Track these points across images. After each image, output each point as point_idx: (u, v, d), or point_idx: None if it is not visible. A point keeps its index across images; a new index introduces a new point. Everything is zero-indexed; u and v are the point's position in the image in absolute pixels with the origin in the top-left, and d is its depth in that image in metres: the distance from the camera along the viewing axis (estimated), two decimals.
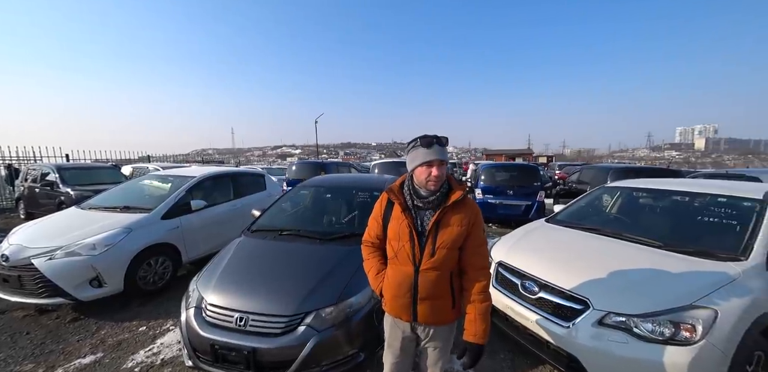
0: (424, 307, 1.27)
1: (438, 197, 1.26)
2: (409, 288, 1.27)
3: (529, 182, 6.49)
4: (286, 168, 10.85)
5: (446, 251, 1.24)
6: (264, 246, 2.47)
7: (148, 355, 2.32)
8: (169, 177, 4.09)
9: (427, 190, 1.27)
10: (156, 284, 3.27)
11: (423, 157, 1.23)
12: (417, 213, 1.30)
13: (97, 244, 2.85)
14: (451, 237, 1.24)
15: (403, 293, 1.29)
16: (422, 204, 1.28)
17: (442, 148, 1.23)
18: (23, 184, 7.92)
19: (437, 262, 1.24)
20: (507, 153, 40.68)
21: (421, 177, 1.25)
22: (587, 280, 1.88)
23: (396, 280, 1.31)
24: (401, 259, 1.29)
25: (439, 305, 1.28)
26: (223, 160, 25.17)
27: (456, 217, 1.25)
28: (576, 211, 3.07)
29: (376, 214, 1.43)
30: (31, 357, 2.32)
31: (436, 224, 1.25)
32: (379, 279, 1.40)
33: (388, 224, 1.35)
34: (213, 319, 1.84)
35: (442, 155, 1.23)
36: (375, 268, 1.42)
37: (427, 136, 1.24)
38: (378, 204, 1.44)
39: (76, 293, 2.74)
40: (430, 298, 1.27)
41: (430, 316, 1.29)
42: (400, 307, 1.32)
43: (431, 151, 1.21)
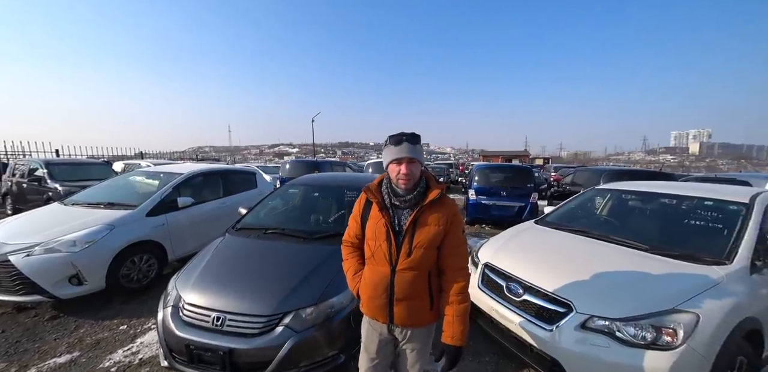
0: (401, 308, 1.24)
1: (415, 196, 1.25)
2: (385, 288, 1.25)
3: (522, 184, 6.50)
4: (280, 166, 10.79)
5: (423, 251, 1.21)
6: (247, 244, 2.42)
7: (126, 355, 2.27)
8: (157, 173, 4.02)
9: (400, 188, 1.26)
10: (140, 282, 3.21)
11: (392, 154, 1.23)
12: (395, 212, 1.28)
13: (77, 241, 2.78)
14: (428, 236, 1.21)
15: (379, 294, 1.26)
16: (399, 203, 1.26)
17: (412, 145, 1.21)
18: (11, 179, 7.78)
19: (414, 262, 1.22)
20: (504, 154, 40.90)
21: (392, 175, 1.25)
22: (571, 283, 1.86)
23: (372, 280, 1.28)
24: (378, 259, 1.27)
25: (416, 306, 1.25)
26: (219, 157, 25.03)
27: (433, 216, 1.23)
28: (566, 212, 3.06)
29: (355, 213, 1.41)
30: (5, 356, 2.26)
31: (413, 223, 1.23)
32: (356, 279, 1.38)
33: (366, 223, 1.33)
34: (190, 318, 1.80)
35: (413, 153, 1.21)
36: (353, 269, 1.40)
37: (397, 134, 1.24)
38: (357, 203, 1.42)
39: (55, 291, 2.67)
40: (407, 299, 1.24)
41: (407, 317, 1.26)
42: (376, 308, 1.29)
43: (399, 148, 1.21)
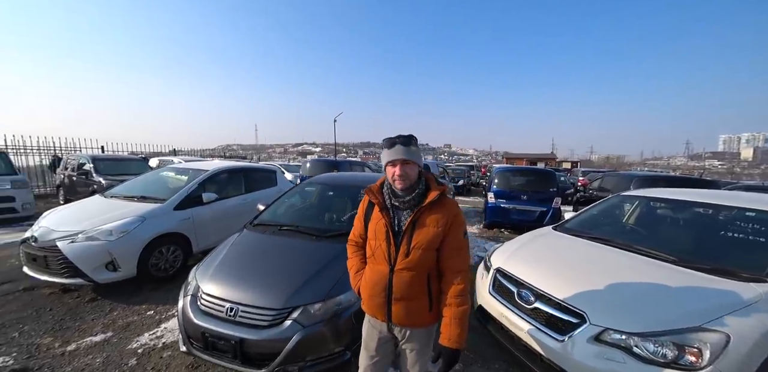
0: (399, 307, 1.26)
1: (414, 197, 1.26)
2: (384, 287, 1.27)
3: (544, 188, 6.25)
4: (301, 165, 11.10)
5: (421, 252, 1.22)
6: (263, 240, 2.52)
7: (151, 338, 2.44)
8: (185, 169, 4.28)
9: (397, 189, 1.28)
10: (167, 271, 3.43)
11: (387, 157, 1.26)
12: (395, 213, 1.30)
13: (113, 231, 3.03)
14: (427, 237, 1.22)
15: (378, 292, 1.28)
16: (399, 204, 1.28)
17: (405, 147, 1.24)
18: (63, 172, 8.59)
19: (412, 263, 1.23)
20: (528, 157, 39.39)
21: (389, 176, 1.28)
22: (586, 292, 1.77)
23: (372, 279, 1.31)
24: (378, 258, 1.30)
25: (414, 307, 1.26)
26: (246, 155, 26.14)
27: (432, 217, 1.24)
28: (587, 219, 2.91)
29: (359, 214, 1.44)
30: (51, 331, 2.51)
31: (413, 224, 1.25)
32: (357, 278, 1.41)
33: (369, 224, 1.36)
34: (206, 307, 1.91)
35: (406, 155, 1.23)
36: (355, 267, 1.44)
37: (390, 137, 1.27)
38: (361, 204, 1.45)
39: (94, 275, 2.93)
40: (405, 299, 1.25)
41: (405, 317, 1.27)
42: (375, 306, 1.31)
43: (393, 151, 1.24)
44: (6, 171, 6.55)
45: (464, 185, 14.57)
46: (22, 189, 6.47)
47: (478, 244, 5.41)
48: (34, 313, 2.77)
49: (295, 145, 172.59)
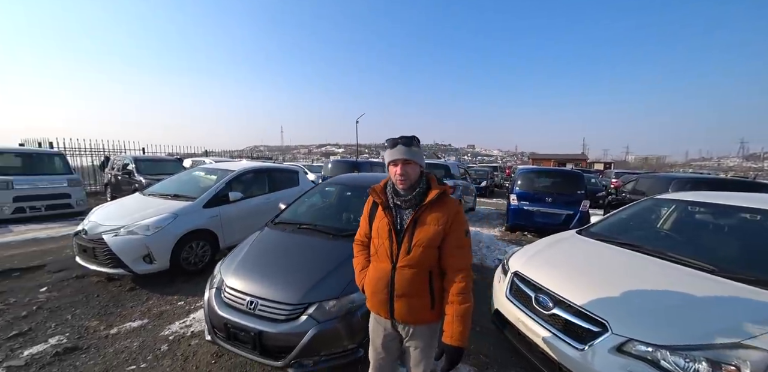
0: (401, 304, 1.28)
1: (415, 196, 1.29)
2: (386, 284, 1.29)
3: (571, 190, 5.95)
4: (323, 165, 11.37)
5: (422, 249, 1.24)
6: (283, 238, 2.63)
7: (181, 327, 2.62)
8: (214, 169, 4.54)
9: (398, 188, 1.31)
10: (197, 265, 3.66)
11: (389, 157, 1.30)
12: (397, 212, 1.33)
13: (150, 226, 3.29)
14: (427, 235, 1.24)
15: (381, 289, 1.31)
16: (401, 203, 1.31)
17: (406, 148, 1.27)
18: (110, 172, 9.41)
19: (413, 260, 1.25)
20: (557, 158, 37.56)
21: (391, 176, 1.32)
22: (609, 300, 1.68)
23: (375, 276, 1.34)
24: (380, 255, 1.33)
25: (416, 304, 1.28)
26: (271, 156, 27.18)
27: (432, 216, 1.26)
28: (615, 223, 2.75)
29: (365, 213, 1.48)
30: (97, 315, 2.77)
31: (414, 222, 1.28)
32: (362, 275, 1.45)
33: (373, 222, 1.40)
34: (229, 300, 2.02)
35: (408, 155, 1.26)
36: (360, 265, 1.48)
37: (393, 138, 1.31)
38: (366, 204, 1.49)
39: (133, 266, 3.19)
40: (406, 296, 1.27)
41: (406, 314, 1.29)
42: (378, 302, 1.34)
43: (395, 151, 1.27)
44: (64, 171, 7.29)
45: (487, 187, 14.20)
46: (76, 187, 7.18)
47: (498, 247, 5.26)
48: (84, 298, 3.07)
49: (319, 146, 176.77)
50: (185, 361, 2.18)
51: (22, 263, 3.85)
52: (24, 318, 2.68)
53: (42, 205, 6.55)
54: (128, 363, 2.15)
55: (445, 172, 7.57)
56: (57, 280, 3.44)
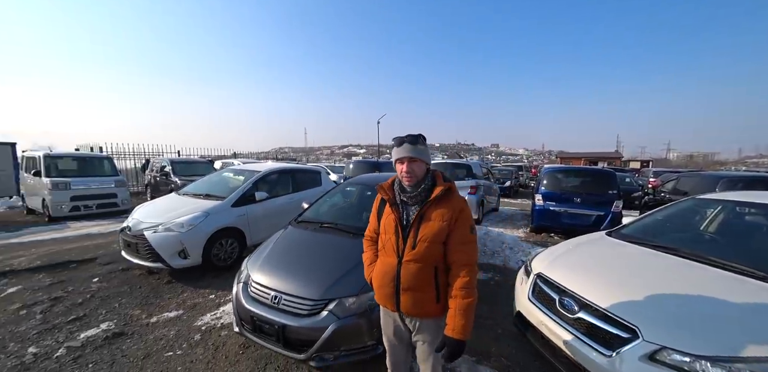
0: (406, 297, 1.32)
1: (420, 193, 1.33)
2: (392, 278, 1.33)
3: (602, 190, 5.62)
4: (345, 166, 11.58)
5: (427, 244, 1.28)
6: (305, 236, 2.72)
7: (212, 318, 2.80)
8: (242, 170, 4.78)
9: (405, 185, 1.35)
10: (226, 261, 3.87)
11: (395, 155, 1.35)
12: (404, 208, 1.38)
13: (184, 224, 3.53)
14: (432, 231, 1.28)
15: (387, 282, 1.35)
16: (407, 199, 1.36)
17: (412, 146, 1.31)
18: (150, 173, 10.17)
19: (418, 255, 1.29)
20: (587, 156, 35.46)
21: (398, 173, 1.37)
22: (640, 305, 1.59)
23: (382, 270, 1.39)
24: (387, 250, 1.38)
25: (421, 297, 1.31)
26: (296, 157, 28.06)
27: (437, 212, 1.29)
28: (649, 225, 2.58)
29: (374, 209, 1.54)
30: (139, 305, 3.02)
31: (419, 218, 1.31)
32: (370, 269, 1.50)
33: (381, 219, 1.44)
34: (255, 294, 2.13)
35: (414, 152, 1.30)
36: (369, 260, 1.53)
37: (399, 137, 1.35)
38: (375, 201, 1.54)
39: (170, 261, 3.44)
40: (411, 290, 1.31)
41: (412, 306, 1.32)
42: (385, 295, 1.38)
43: (401, 149, 1.32)
44: (111, 173, 8.00)
45: (511, 187, 13.75)
46: (122, 187, 7.85)
47: (522, 248, 5.09)
48: (128, 289, 3.36)
49: (341, 146, 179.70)
50: (216, 350, 2.33)
51: (77, 256, 4.28)
52: (80, 305, 2.99)
53: (93, 203, 7.23)
54: (166, 349, 2.33)
55: (467, 171, 7.42)
56: (106, 271, 3.78)
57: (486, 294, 3.44)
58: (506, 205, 10.77)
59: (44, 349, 2.31)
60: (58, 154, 7.50)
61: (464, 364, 2.20)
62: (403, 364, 1.56)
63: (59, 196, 6.75)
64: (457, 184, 4.86)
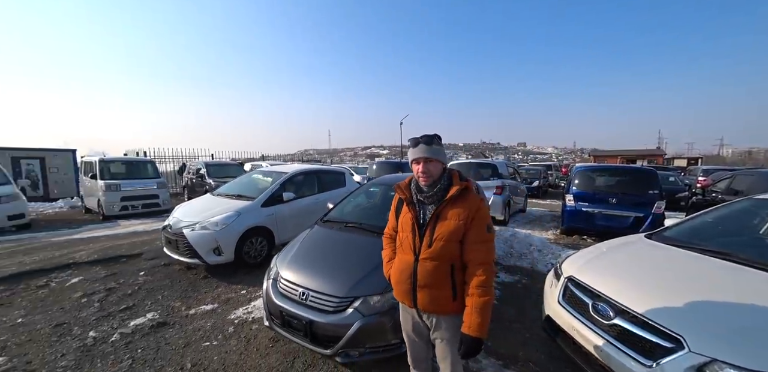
0: (423, 294, 1.34)
1: (436, 192, 1.35)
2: (409, 275, 1.36)
3: (641, 190, 5.23)
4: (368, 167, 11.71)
5: (443, 243, 1.29)
6: (331, 235, 2.79)
7: (244, 312, 2.95)
8: (270, 172, 5.00)
9: (421, 185, 1.38)
10: (256, 259, 4.07)
11: (411, 155, 1.37)
12: (421, 207, 1.40)
13: (218, 222, 3.76)
14: (448, 229, 1.29)
15: (404, 279, 1.38)
16: (423, 198, 1.38)
17: (427, 146, 1.33)
18: (187, 175, 10.91)
19: (434, 253, 1.31)
20: (624, 154, 33.01)
21: (414, 173, 1.39)
22: (686, 313, 1.48)
23: (399, 267, 1.43)
24: (404, 248, 1.41)
25: (437, 295, 1.33)
26: (320, 159, 28.78)
27: (454, 211, 1.31)
28: (697, 227, 2.37)
29: (392, 208, 1.58)
30: (179, 298, 3.26)
31: (435, 217, 1.33)
32: (388, 266, 1.54)
33: (399, 217, 1.48)
34: (284, 290, 2.22)
35: (429, 153, 1.32)
36: (387, 257, 1.58)
37: (415, 137, 1.37)
38: (393, 200, 1.58)
39: (206, 257, 3.68)
40: (428, 287, 1.33)
41: (428, 303, 1.34)
42: (402, 292, 1.41)
43: (416, 150, 1.34)
44: (154, 175, 8.69)
45: (540, 187, 13.18)
46: (163, 189, 8.50)
47: (552, 251, 4.87)
48: (170, 282, 3.63)
49: (364, 148, 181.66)
50: (248, 342, 2.46)
51: (126, 251, 4.70)
52: (129, 295, 3.28)
53: (139, 204, 7.89)
54: (203, 340, 2.50)
55: (492, 171, 7.22)
56: (150, 266, 4.12)
57: (513, 297, 3.34)
58: (534, 206, 10.35)
59: (101, 333, 2.56)
60: (111, 158, 8.28)
61: (491, 368, 2.15)
62: (424, 361, 1.57)
63: (111, 197, 7.45)
64: (482, 184, 4.79)
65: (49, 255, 4.54)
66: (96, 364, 2.19)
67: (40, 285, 3.52)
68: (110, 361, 2.22)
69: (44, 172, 10.37)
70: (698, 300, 1.55)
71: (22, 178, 9.62)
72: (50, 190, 10.42)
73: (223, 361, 2.22)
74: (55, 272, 3.89)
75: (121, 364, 2.18)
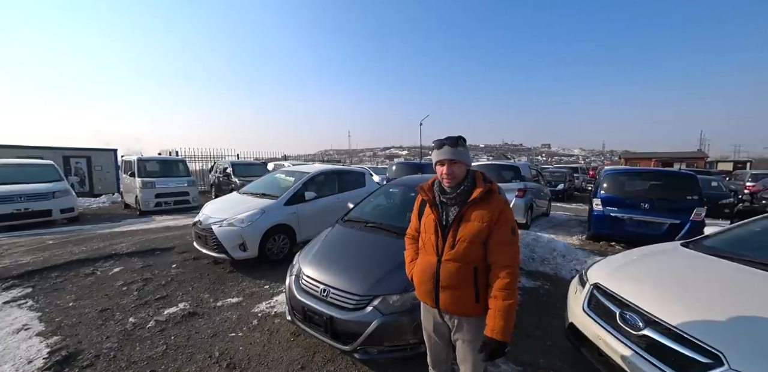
0: (446, 295, 1.35)
1: (459, 194, 1.36)
2: (432, 275, 1.37)
3: (678, 195, 4.90)
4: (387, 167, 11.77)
5: (466, 245, 1.30)
6: (351, 234, 2.85)
7: (267, 307, 3.08)
8: (293, 172, 5.16)
9: (445, 186, 1.39)
10: (278, 255, 4.21)
11: (436, 157, 1.39)
12: (443, 208, 1.41)
13: (244, 220, 3.93)
14: (471, 231, 1.29)
15: (427, 279, 1.39)
16: (446, 200, 1.39)
17: (452, 148, 1.34)
18: (214, 174, 11.46)
19: (457, 254, 1.31)
20: (659, 157, 30.79)
21: (438, 175, 1.41)
22: (724, 327, 1.39)
23: (422, 267, 1.44)
24: (427, 249, 1.42)
25: (460, 296, 1.33)
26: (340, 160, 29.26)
27: (477, 213, 1.31)
28: (743, 236, 2.21)
29: (415, 210, 1.59)
30: (207, 290, 3.44)
31: (459, 219, 1.34)
32: (411, 266, 1.55)
33: (422, 218, 1.49)
34: (306, 286, 2.30)
35: (454, 155, 1.33)
36: (410, 257, 1.59)
37: (440, 139, 1.39)
38: (416, 201, 1.60)
39: (232, 252, 3.86)
40: (451, 288, 1.34)
41: (450, 304, 1.35)
42: (425, 292, 1.42)
43: (442, 151, 1.36)
44: (185, 174, 9.21)
45: (565, 190, 12.65)
46: (193, 186, 8.99)
47: (577, 257, 4.67)
48: (199, 275, 3.84)
49: (383, 148, 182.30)
50: (270, 335, 2.56)
51: (160, 245, 5.02)
52: (163, 286, 3.52)
53: (171, 200, 8.40)
54: (230, 330, 2.63)
55: (515, 173, 7.04)
56: (182, 259, 4.38)
57: (534, 303, 3.25)
58: (559, 209, 9.95)
59: (140, 320, 2.77)
60: (147, 158, 8.87)
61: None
62: (444, 362, 1.58)
63: (147, 194, 7.98)
64: (504, 186, 4.70)
65: (95, 246, 4.95)
66: (135, 347, 2.38)
67: (87, 273, 3.85)
68: (147, 345, 2.40)
69: (90, 170, 11.29)
70: (739, 314, 1.45)
71: (72, 175, 10.53)
72: (95, 186, 11.33)
73: (248, 352, 2.33)
74: (100, 262, 4.24)
75: (156, 349, 2.35)
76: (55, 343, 2.41)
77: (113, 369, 2.14)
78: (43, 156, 9.26)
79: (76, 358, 2.25)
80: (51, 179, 7.06)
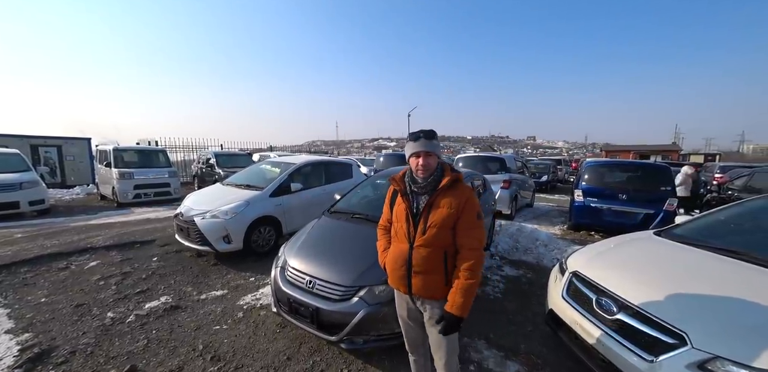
0: (417, 280, 1.42)
1: (430, 183, 1.42)
2: (404, 262, 1.44)
3: (653, 186, 5.12)
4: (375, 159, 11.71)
5: (436, 230, 1.37)
6: (338, 225, 2.84)
7: (253, 299, 3.05)
8: (278, 163, 5.04)
9: (418, 177, 1.44)
10: (263, 248, 4.16)
11: (411, 149, 1.43)
12: (414, 197, 1.47)
13: (228, 211, 3.84)
14: (441, 217, 1.37)
15: (399, 266, 1.45)
16: (417, 189, 1.45)
17: (428, 141, 1.40)
18: (196, 165, 11.08)
19: (428, 240, 1.38)
20: (637, 149, 32.12)
21: (412, 166, 1.45)
22: (689, 309, 1.48)
23: (394, 255, 1.50)
24: (399, 237, 1.48)
25: (431, 280, 1.40)
26: (327, 151, 28.88)
27: (445, 200, 1.39)
28: (709, 225, 2.33)
29: (386, 200, 1.64)
30: (190, 283, 3.37)
31: (429, 206, 1.41)
32: (384, 255, 1.60)
33: (393, 208, 1.54)
34: (291, 278, 2.29)
35: (429, 147, 1.39)
36: (383, 247, 1.64)
37: (415, 132, 1.44)
38: (388, 192, 1.64)
39: (216, 245, 3.78)
40: (423, 273, 1.40)
41: (422, 288, 1.42)
42: (397, 278, 1.48)
43: (417, 144, 1.40)
44: (165, 164, 8.85)
45: (548, 181, 13.00)
46: (174, 178, 8.67)
47: (558, 246, 4.85)
48: (182, 268, 3.75)
49: (372, 140, 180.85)
50: (256, 327, 2.55)
51: (140, 237, 4.86)
52: (144, 279, 3.42)
53: (151, 192, 8.09)
54: (214, 323, 2.60)
55: (500, 165, 7.15)
56: (163, 252, 4.26)
57: (516, 291, 3.36)
58: (542, 200, 10.24)
59: (119, 314, 2.69)
60: (124, 147, 8.46)
61: (492, 359, 2.20)
62: (421, 346, 1.64)
63: (125, 185, 7.64)
64: (490, 178, 4.76)
65: (68, 239, 4.73)
66: (114, 342, 2.31)
67: (61, 267, 3.69)
68: (127, 340, 2.34)
69: (61, 160, 10.68)
70: (704, 297, 1.55)
71: (41, 166, 9.93)
72: (67, 177, 10.75)
73: (233, 344, 2.32)
74: (74, 256, 4.07)
75: (137, 343, 2.30)
76: (26, 341, 2.31)
77: (91, 365, 2.08)
78: (8, 144, 8.66)
79: (49, 354, 2.17)
80: (17, 169, 6.64)
